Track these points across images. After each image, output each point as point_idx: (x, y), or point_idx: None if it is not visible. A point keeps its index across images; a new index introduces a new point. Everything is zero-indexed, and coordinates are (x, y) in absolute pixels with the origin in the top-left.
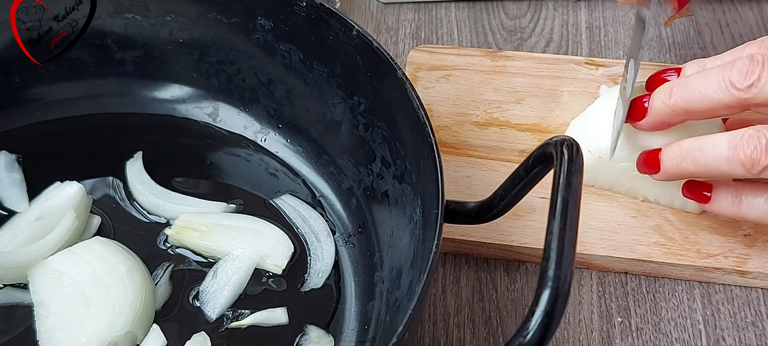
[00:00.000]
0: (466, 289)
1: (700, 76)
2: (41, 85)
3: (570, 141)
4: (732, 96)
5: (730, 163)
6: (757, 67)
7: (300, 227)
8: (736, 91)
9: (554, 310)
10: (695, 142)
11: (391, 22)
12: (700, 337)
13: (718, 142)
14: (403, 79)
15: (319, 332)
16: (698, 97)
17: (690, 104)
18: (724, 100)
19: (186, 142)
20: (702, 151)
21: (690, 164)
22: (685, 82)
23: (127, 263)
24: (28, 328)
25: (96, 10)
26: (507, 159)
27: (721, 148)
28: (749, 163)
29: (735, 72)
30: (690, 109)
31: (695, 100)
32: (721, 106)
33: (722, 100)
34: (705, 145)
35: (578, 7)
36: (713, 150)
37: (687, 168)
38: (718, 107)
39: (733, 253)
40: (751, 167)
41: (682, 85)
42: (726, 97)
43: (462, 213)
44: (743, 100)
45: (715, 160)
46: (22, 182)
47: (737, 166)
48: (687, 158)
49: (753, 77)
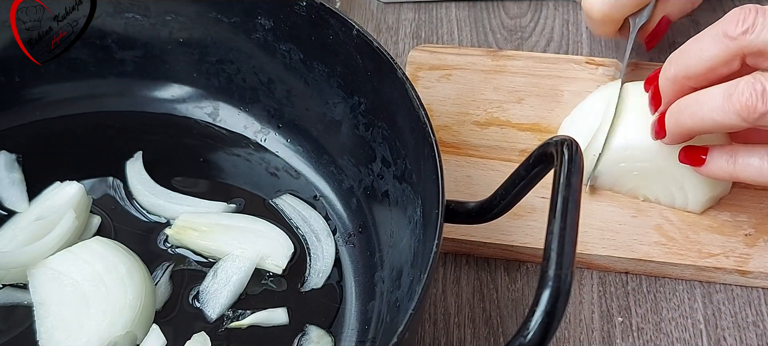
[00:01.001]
0: (466, 289)
1: (694, 39)
2: (41, 85)
3: (570, 141)
4: (727, 48)
5: (726, 113)
6: (750, 14)
7: (300, 227)
8: (730, 41)
9: (555, 310)
10: (692, 96)
11: (392, 21)
12: (701, 337)
13: (714, 93)
14: (403, 78)
15: (320, 332)
16: (694, 59)
17: (689, 69)
18: (720, 54)
19: (186, 142)
20: (698, 103)
21: (687, 118)
22: (680, 50)
23: (127, 263)
24: (28, 328)
25: (96, 9)
26: (507, 159)
27: (716, 99)
28: (745, 111)
29: (726, 22)
30: (690, 75)
31: (692, 63)
32: (718, 62)
33: (718, 56)
34: (700, 97)
35: (578, 6)
36: (709, 101)
37: (685, 123)
38: (716, 64)
39: (734, 253)
40: (746, 115)
41: (679, 53)
42: (721, 51)
43: (462, 213)
44: (739, 49)
45: (711, 112)
46: (22, 182)
47: (733, 115)
48: (684, 112)
49: (747, 23)
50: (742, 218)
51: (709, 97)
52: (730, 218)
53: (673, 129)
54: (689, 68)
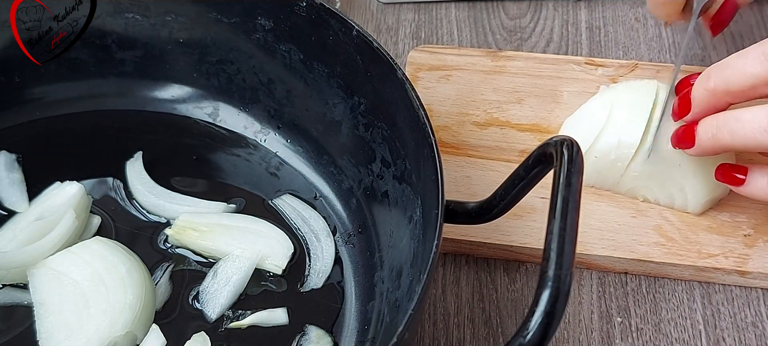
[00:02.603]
0: (466, 289)
1: (738, 54)
2: (41, 85)
3: (570, 141)
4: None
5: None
6: None
7: (300, 227)
8: None
9: (554, 310)
10: (732, 114)
11: (391, 22)
12: (700, 337)
13: (756, 113)
14: (403, 79)
15: (319, 332)
16: (737, 75)
17: (730, 83)
18: (764, 74)
19: (186, 142)
20: (739, 121)
21: (726, 135)
22: (722, 64)
23: (127, 263)
24: (28, 328)
25: (96, 9)
26: (507, 159)
27: (759, 118)
28: None
29: None
30: (730, 90)
31: (734, 78)
32: (761, 81)
33: (762, 75)
34: (742, 115)
35: (578, 7)
36: (752, 121)
37: (722, 139)
38: (758, 83)
39: (733, 253)
40: None
41: (720, 66)
42: (765, 71)
43: (462, 213)
44: None
45: (754, 131)
46: (22, 182)
47: None
48: (723, 129)
49: None
50: (742, 218)
51: (752, 116)
52: (729, 219)
53: (707, 144)
54: (730, 83)
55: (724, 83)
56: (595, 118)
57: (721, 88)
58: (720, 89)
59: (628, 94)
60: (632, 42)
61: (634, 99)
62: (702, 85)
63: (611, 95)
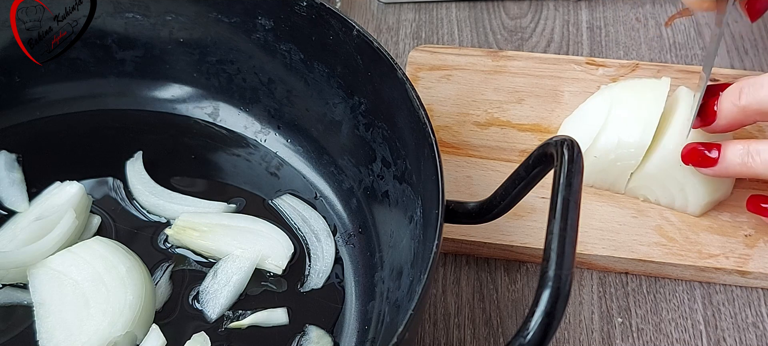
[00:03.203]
0: (466, 289)
1: None
2: (41, 85)
3: (570, 141)
4: None
5: None
6: None
7: (300, 227)
8: None
9: (555, 310)
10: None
11: (392, 22)
12: (700, 338)
13: None
14: (403, 79)
15: (319, 332)
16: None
17: (763, 104)
18: None
19: (186, 142)
20: None
21: (759, 166)
22: (758, 83)
23: (127, 263)
24: (28, 328)
25: (96, 9)
26: (507, 159)
27: None
28: None
29: None
30: (764, 110)
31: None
32: None
33: None
34: None
35: (579, 7)
36: None
37: (754, 167)
38: None
39: (733, 253)
40: None
41: (755, 85)
42: None
43: (462, 213)
44: None
45: None
46: (22, 182)
47: None
48: (756, 159)
49: None
50: (742, 218)
51: None
52: (730, 219)
53: (735, 168)
54: (763, 104)
55: (758, 103)
56: (594, 117)
57: (753, 106)
58: (752, 108)
59: (629, 93)
60: (633, 42)
61: (637, 98)
62: (731, 99)
63: (610, 94)
